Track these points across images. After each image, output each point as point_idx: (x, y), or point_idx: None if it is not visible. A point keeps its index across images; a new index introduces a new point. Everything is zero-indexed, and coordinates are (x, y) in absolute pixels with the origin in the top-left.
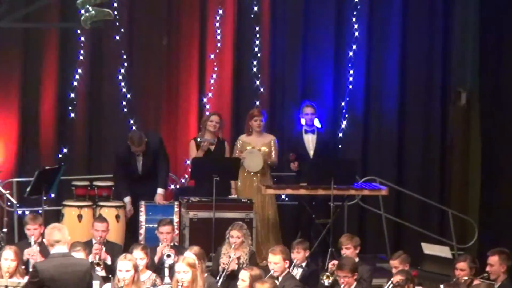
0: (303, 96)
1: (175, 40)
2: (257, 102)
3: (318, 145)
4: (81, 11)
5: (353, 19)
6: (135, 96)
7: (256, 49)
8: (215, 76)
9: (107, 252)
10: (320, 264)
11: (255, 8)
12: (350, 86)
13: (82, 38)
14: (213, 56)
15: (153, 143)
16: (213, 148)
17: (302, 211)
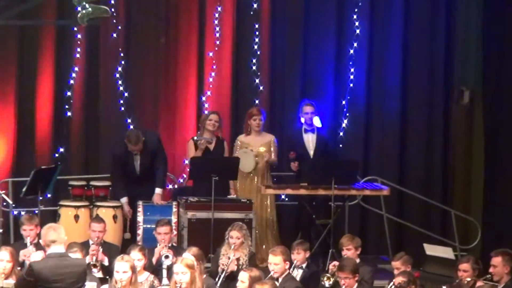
0: (303, 95)
1: (173, 38)
2: (257, 101)
3: (318, 145)
4: (78, 8)
5: (354, 16)
6: (133, 95)
7: (256, 47)
8: (214, 75)
9: (104, 253)
10: (321, 265)
11: (255, 5)
12: (351, 85)
13: (79, 36)
14: (212, 54)
15: (151, 142)
16: (212, 148)
17: (302, 212)
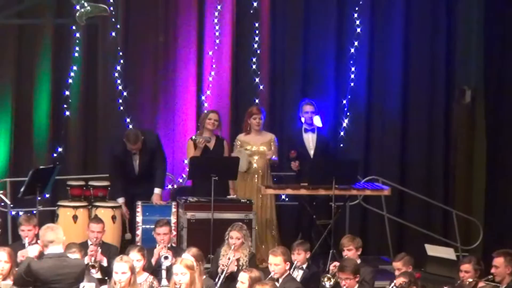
0: (304, 94)
1: (173, 37)
2: (257, 100)
3: (319, 144)
4: (76, 7)
5: (355, 15)
6: (132, 94)
7: (256, 46)
8: (214, 74)
9: (103, 254)
10: (321, 266)
11: (255, 4)
12: (352, 84)
13: (78, 35)
14: (212, 53)
15: (150, 142)
16: (212, 147)
17: (303, 212)
